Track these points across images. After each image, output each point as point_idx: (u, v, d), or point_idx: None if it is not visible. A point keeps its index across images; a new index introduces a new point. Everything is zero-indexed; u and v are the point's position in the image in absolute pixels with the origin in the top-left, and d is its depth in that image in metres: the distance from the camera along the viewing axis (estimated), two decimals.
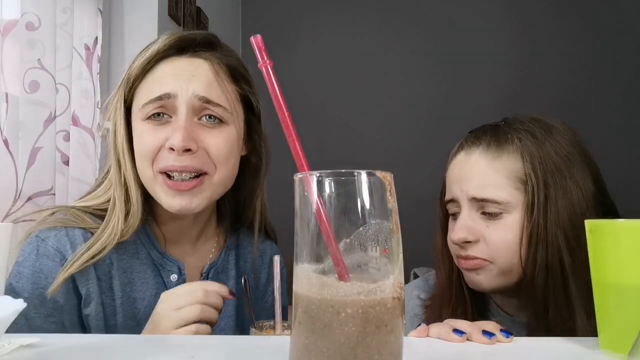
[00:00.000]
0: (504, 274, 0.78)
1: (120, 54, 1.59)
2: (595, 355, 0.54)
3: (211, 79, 0.79)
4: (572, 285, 0.73)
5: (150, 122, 0.78)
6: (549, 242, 0.74)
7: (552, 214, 0.75)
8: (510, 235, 0.77)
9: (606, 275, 0.54)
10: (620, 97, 2.70)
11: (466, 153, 0.83)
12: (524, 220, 0.76)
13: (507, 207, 0.77)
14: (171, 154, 0.75)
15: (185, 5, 1.92)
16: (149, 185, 0.79)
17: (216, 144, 0.78)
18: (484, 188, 0.78)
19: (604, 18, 2.74)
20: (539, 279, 0.74)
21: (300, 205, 0.39)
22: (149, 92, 0.78)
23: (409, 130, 2.78)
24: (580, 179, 0.77)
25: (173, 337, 0.64)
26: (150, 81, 0.79)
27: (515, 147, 0.79)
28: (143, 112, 0.78)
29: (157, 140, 0.77)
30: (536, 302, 0.76)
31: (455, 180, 0.83)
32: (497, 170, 0.78)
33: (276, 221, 0.99)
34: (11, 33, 1.11)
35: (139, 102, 0.79)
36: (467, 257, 0.79)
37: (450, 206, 0.84)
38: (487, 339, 0.58)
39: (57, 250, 0.76)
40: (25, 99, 1.13)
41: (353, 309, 0.35)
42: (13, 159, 1.09)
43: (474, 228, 0.78)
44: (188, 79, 0.77)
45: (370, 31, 2.86)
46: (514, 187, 0.77)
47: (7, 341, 0.52)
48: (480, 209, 0.79)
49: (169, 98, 0.76)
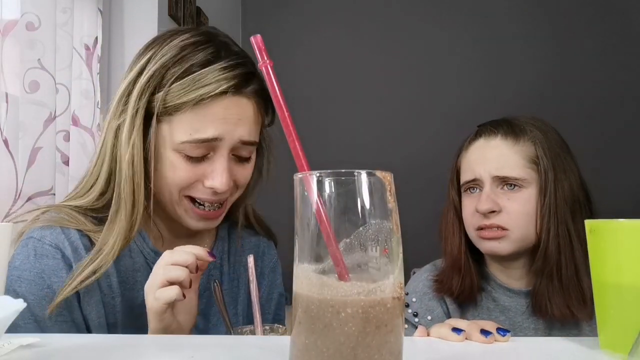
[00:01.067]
0: (519, 242, 0.93)
1: (120, 54, 1.59)
2: (595, 355, 0.54)
3: (252, 120, 0.78)
4: (576, 248, 0.90)
5: (188, 159, 0.75)
6: (558, 213, 0.91)
7: (559, 191, 0.91)
8: (527, 206, 0.92)
9: (606, 275, 0.54)
10: (619, 97, 2.70)
11: (485, 139, 0.98)
12: (538, 195, 0.92)
13: (524, 182, 0.93)
14: (208, 190, 0.77)
15: (185, 5, 1.92)
16: (170, 205, 0.79)
17: (244, 175, 0.81)
18: (504, 167, 0.93)
19: (602, 19, 2.74)
20: (553, 245, 0.90)
21: (300, 205, 0.39)
22: (193, 130, 0.74)
23: (409, 130, 2.77)
24: (571, 164, 0.96)
25: (173, 337, 0.64)
26: (195, 119, 0.74)
27: (528, 136, 0.95)
28: (181, 147, 0.74)
29: (194, 176, 0.76)
30: (549, 265, 0.90)
31: (476, 162, 0.97)
32: (516, 152, 0.94)
33: (276, 221, 0.99)
34: (11, 33, 1.11)
35: (177, 136, 0.74)
36: (491, 225, 0.93)
37: (470, 185, 0.98)
38: (484, 337, 0.59)
39: (56, 247, 0.75)
40: (25, 99, 1.13)
41: (353, 309, 0.35)
42: (13, 159, 1.09)
43: (497, 200, 0.93)
44: (235, 123, 0.75)
45: (370, 31, 2.86)
46: (529, 167, 0.93)
47: (7, 341, 0.52)
48: (500, 185, 0.94)
49: (214, 141, 0.75)
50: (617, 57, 2.71)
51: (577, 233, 0.91)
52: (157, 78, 0.74)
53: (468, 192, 0.99)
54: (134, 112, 0.74)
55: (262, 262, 0.96)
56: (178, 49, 0.75)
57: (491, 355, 0.55)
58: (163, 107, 0.74)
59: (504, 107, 1.17)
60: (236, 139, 0.76)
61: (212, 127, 0.74)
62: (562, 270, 0.89)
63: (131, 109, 0.74)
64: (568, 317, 0.89)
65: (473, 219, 0.96)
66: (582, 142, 1.07)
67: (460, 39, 2.82)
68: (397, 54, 2.84)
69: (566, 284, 0.89)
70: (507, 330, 0.60)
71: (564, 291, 0.89)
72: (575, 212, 0.92)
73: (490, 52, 2.79)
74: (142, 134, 0.75)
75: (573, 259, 0.89)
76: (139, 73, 0.75)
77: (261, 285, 0.95)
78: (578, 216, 0.92)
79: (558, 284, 0.90)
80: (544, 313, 0.91)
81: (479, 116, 1.11)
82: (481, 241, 0.95)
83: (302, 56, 2.82)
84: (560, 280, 0.89)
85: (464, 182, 0.99)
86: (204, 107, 0.73)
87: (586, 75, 2.70)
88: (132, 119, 0.74)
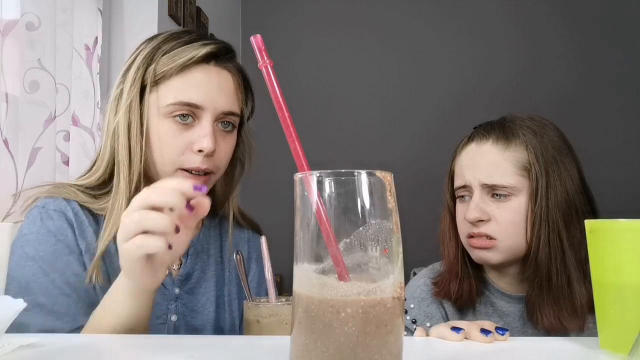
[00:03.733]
0: (508, 251, 0.90)
1: (120, 54, 1.59)
2: (595, 355, 0.54)
3: (233, 92, 0.86)
4: (569, 256, 0.86)
5: (175, 123, 0.81)
6: (550, 221, 0.87)
7: (552, 198, 0.87)
8: (517, 215, 0.89)
9: (606, 275, 0.54)
10: (618, 97, 2.70)
11: (477, 144, 0.94)
12: (529, 203, 0.88)
13: (514, 190, 0.89)
14: (198, 156, 0.81)
15: (185, 5, 1.92)
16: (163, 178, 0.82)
17: (225, 149, 0.86)
18: (494, 175, 0.90)
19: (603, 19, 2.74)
20: (543, 253, 0.87)
21: (300, 205, 0.39)
22: (178, 93, 0.81)
23: (409, 130, 2.78)
24: (570, 168, 0.91)
25: (173, 337, 0.64)
26: (180, 83, 0.82)
27: (520, 140, 0.91)
28: (167, 110, 0.81)
29: (183, 143, 0.81)
30: (540, 274, 0.87)
31: (467, 167, 0.94)
32: (507, 159, 0.90)
33: (276, 221, 0.99)
34: (11, 33, 1.11)
35: (163, 99, 0.82)
36: (479, 234, 0.90)
37: (461, 191, 0.95)
38: (484, 336, 0.59)
39: (59, 211, 0.80)
40: (25, 99, 1.13)
41: (353, 309, 0.35)
42: (13, 159, 1.09)
43: (485, 209, 0.90)
44: (217, 92, 0.83)
45: (370, 31, 2.86)
46: (519, 175, 0.89)
47: (7, 341, 0.52)
48: (490, 193, 0.91)
49: (197, 108, 0.81)
50: (617, 55, 2.71)
51: (571, 240, 0.87)
52: (149, 56, 0.83)
53: (460, 198, 0.97)
54: (131, 84, 0.82)
55: (249, 249, 0.99)
56: (169, 34, 0.87)
57: (491, 355, 0.55)
58: (153, 79, 0.82)
59: (504, 107, 1.16)
60: (218, 109, 0.83)
61: (194, 91, 0.81)
62: (552, 280, 0.86)
63: (128, 83, 0.83)
64: (557, 329, 0.86)
65: (464, 226, 0.94)
66: (581, 141, 1.05)
67: (460, 39, 2.82)
68: (397, 54, 2.84)
69: (557, 294, 0.86)
70: (505, 329, 0.61)
71: (555, 302, 0.87)
72: (570, 218, 0.88)
73: (491, 52, 2.79)
74: (139, 106, 0.82)
75: (565, 267, 0.86)
76: (136, 55, 0.85)
77: (249, 271, 0.97)
78: (573, 222, 0.88)
79: (548, 295, 0.87)
80: (535, 322, 0.89)
81: (480, 116, 1.10)
82: (472, 249, 0.94)
83: (302, 56, 2.82)
84: (550, 290, 0.87)
85: (456, 187, 0.97)
86: (187, 73, 0.82)
87: (587, 74, 2.71)
88: (129, 90, 0.82)
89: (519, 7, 2.79)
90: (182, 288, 0.87)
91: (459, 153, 0.98)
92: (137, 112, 0.82)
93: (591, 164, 1.02)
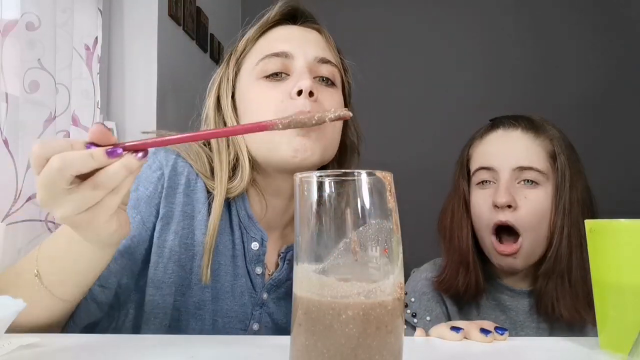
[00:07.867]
0: (531, 253, 0.92)
1: (120, 54, 1.58)
2: (595, 355, 0.54)
3: (323, 44, 0.82)
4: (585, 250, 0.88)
5: (270, 80, 0.76)
6: (572, 213, 0.90)
7: (573, 191, 0.91)
8: (544, 204, 0.91)
9: (606, 275, 0.54)
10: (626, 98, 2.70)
11: (505, 131, 0.96)
12: (554, 194, 0.91)
13: (543, 177, 0.92)
14: (298, 100, 0.73)
15: (185, 5, 1.92)
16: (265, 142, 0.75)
17: (331, 102, 0.78)
18: (528, 158, 0.92)
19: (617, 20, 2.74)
20: (564, 246, 0.89)
21: (300, 205, 0.39)
22: (266, 49, 0.78)
23: (409, 130, 2.77)
24: (581, 168, 0.95)
25: (173, 337, 0.64)
26: (265, 43, 0.80)
27: (547, 133, 0.95)
28: (259, 69, 0.77)
29: (279, 92, 0.75)
30: (560, 266, 0.89)
31: (494, 152, 0.95)
32: (539, 145, 0.93)
33: None
34: (11, 33, 1.11)
35: (253, 61, 0.79)
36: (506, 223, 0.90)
37: (482, 174, 0.95)
38: (484, 336, 0.59)
39: (160, 165, 0.76)
40: (25, 99, 1.13)
41: (353, 311, 0.35)
42: (13, 159, 1.09)
43: (514, 195, 0.91)
44: (304, 42, 0.79)
45: (370, 32, 2.86)
46: (548, 162, 0.93)
47: (7, 341, 0.52)
48: (518, 179, 0.92)
49: (287, 57, 0.76)
50: (618, 53, 2.71)
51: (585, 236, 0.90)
52: (234, 42, 0.84)
53: (481, 185, 0.96)
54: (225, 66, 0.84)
55: None
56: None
57: (491, 355, 0.55)
58: (242, 53, 0.82)
59: (504, 108, 1.16)
60: (309, 55, 0.77)
61: (280, 43, 0.78)
62: (572, 272, 0.88)
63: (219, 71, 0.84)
64: (576, 320, 0.88)
65: (487, 213, 0.93)
66: (584, 141, 1.06)
67: (461, 40, 2.81)
68: (397, 54, 2.84)
69: (575, 286, 0.88)
70: (504, 328, 0.61)
71: (573, 293, 0.88)
72: (585, 215, 0.90)
73: (491, 53, 2.79)
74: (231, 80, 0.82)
75: (582, 261, 0.88)
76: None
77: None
78: (588, 217, 0.89)
79: (568, 285, 0.88)
80: (550, 313, 0.90)
81: (480, 117, 1.10)
82: (497, 256, 0.93)
83: None
84: (570, 282, 0.88)
85: (477, 168, 0.96)
86: (269, 33, 0.82)
87: (590, 74, 2.71)
88: (218, 73, 0.84)
89: (529, 7, 2.79)
90: (270, 294, 0.80)
91: (480, 139, 0.99)
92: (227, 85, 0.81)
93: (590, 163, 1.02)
